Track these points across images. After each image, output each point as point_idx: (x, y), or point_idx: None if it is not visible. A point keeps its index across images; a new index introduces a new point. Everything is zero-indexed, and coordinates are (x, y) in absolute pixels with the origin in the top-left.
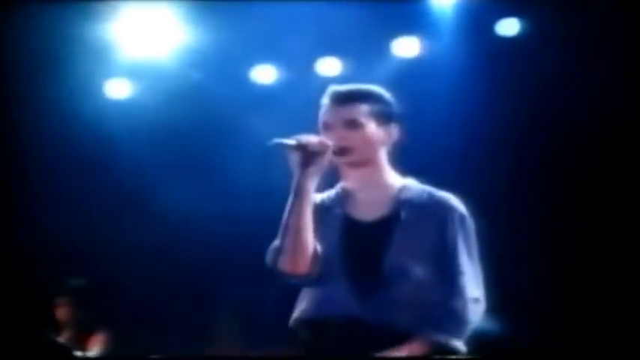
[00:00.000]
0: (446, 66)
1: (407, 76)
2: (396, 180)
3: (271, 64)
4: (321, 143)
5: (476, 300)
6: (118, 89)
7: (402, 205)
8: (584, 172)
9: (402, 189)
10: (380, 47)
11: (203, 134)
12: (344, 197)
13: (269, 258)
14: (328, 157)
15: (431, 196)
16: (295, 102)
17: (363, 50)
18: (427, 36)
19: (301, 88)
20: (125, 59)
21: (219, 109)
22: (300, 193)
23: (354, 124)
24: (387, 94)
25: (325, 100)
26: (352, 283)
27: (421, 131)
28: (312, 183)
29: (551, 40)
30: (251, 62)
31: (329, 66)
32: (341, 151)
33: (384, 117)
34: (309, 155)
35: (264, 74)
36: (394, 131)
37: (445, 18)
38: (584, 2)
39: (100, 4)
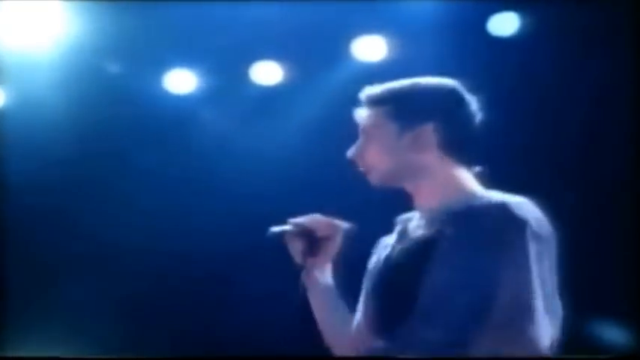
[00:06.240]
0: (421, 72)
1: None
2: (466, 191)
3: (190, 69)
4: (329, 225)
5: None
6: None
7: (448, 221)
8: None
9: (458, 201)
10: (334, 49)
11: (97, 161)
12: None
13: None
14: (340, 240)
15: (489, 206)
16: (222, 117)
17: (311, 52)
18: (396, 35)
19: (229, 100)
20: None
21: (120, 125)
22: (312, 288)
23: (367, 135)
24: (420, 87)
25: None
26: (379, 322)
27: None
28: (323, 273)
29: (557, 38)
30: (166, 66)
31: (265, 72)
32: (364, 173)
33: (410, 117)
34: (315, 241)
35: (183, 80)
36: (429, 133)
37: (419, 12)
38: None
39: None
